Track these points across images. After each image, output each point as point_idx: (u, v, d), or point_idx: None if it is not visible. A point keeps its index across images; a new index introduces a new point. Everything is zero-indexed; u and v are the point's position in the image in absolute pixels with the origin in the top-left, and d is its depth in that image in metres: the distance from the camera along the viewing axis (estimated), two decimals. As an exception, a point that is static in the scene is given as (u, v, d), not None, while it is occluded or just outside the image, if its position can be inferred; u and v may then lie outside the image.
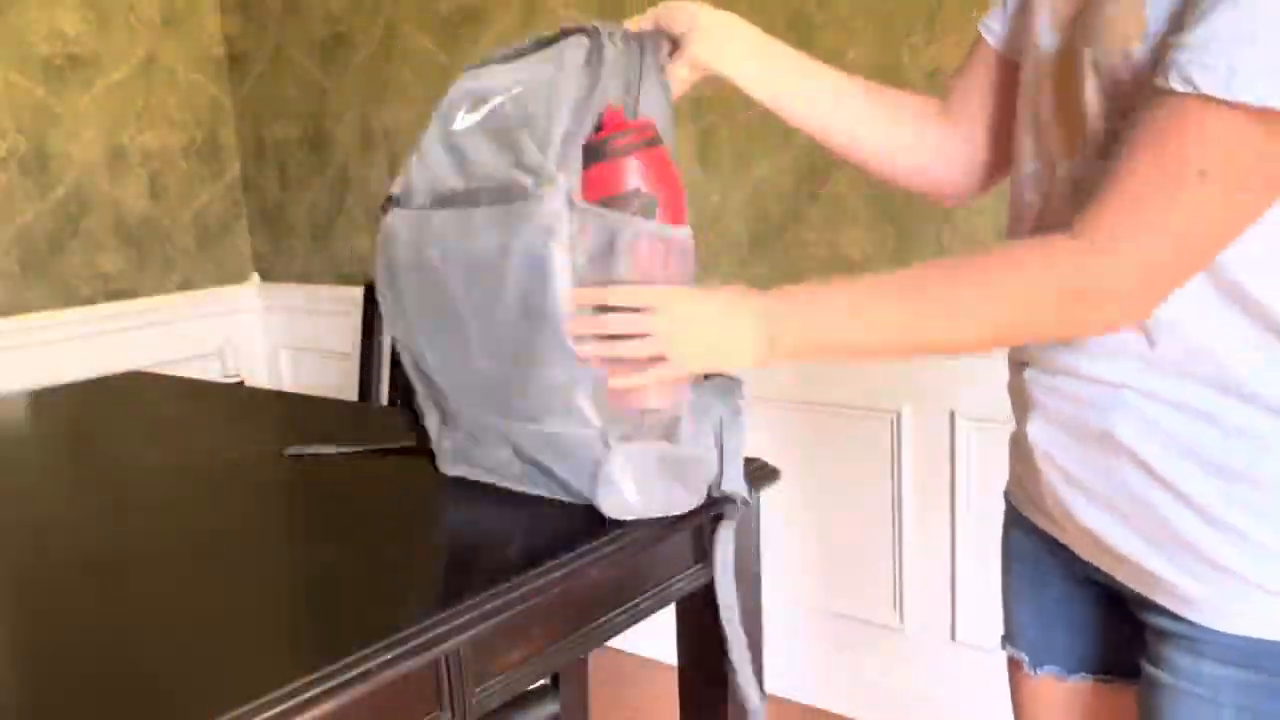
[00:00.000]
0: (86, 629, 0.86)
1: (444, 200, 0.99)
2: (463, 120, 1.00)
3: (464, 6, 2.44)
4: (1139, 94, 0.70)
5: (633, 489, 0.97)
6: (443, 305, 1.00)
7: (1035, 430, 0.84)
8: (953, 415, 1.92)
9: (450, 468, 1.13)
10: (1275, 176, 0.67)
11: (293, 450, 1.30)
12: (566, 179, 0.91)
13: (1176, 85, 0.65)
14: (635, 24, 1.01)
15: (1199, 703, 0.75)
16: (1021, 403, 0.87)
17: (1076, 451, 0.81)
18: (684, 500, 1.01)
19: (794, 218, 2.05)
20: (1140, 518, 0.77)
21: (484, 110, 0.98)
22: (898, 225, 1.94)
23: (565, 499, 1.03)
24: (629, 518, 0.98)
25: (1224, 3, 0.64)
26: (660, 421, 0.98)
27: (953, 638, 2.01)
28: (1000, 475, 1.03)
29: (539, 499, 1.05)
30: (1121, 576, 0.82)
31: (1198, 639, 0.75)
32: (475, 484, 1.11)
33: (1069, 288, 0.72)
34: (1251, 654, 0.73)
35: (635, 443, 0.97)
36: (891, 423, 2.00)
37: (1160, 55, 0.67)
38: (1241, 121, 0.64)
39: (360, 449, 1.28)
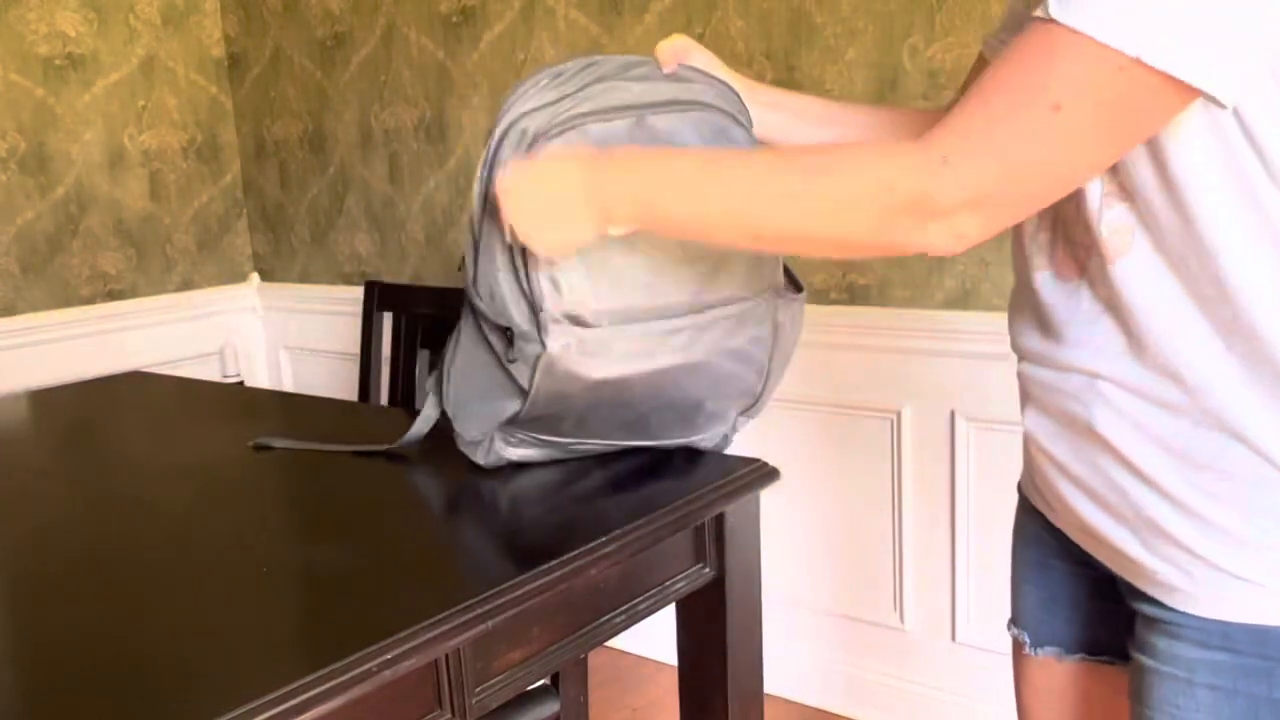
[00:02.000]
0: (86, 629, 0.86)
1: None
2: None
3: (464, 6, 2.44)
4: None
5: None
6: None
7: (1030, 421, 0.86)
8: (953, 415, 1.92)
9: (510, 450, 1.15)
10: (1127, 124, 0.66)
11: (257, 441, 1.33)
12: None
13: (1038, 12, 0.65)
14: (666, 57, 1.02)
15: (1175, 683, 0.77)
16: (1021, 395, 0.89)
17: (1064, 441, 0.82)
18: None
19: (794, 218, 2.04)
20: (1120, 505, 0.79)
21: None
22: (898, 225, 1.93)
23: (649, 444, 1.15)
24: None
25: None
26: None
27: (953, 638, 2.01)
28: (1000, 474, 1.03)
29: (539, 498, 1.05)
30: (1109, 563, 0.84)
31: (1175, 623, 0.77)
32: (476, 483, 1.11)
33: (899, 193, 0.70)
34: (1224, 636, 0.74)
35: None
36: (891, 423, 2.00)
37: None
38: (1095, 59, 0.63)
39: (329, 448, 1.29)
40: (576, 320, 1.00)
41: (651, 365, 1.04)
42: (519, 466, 1.14)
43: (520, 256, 0.99)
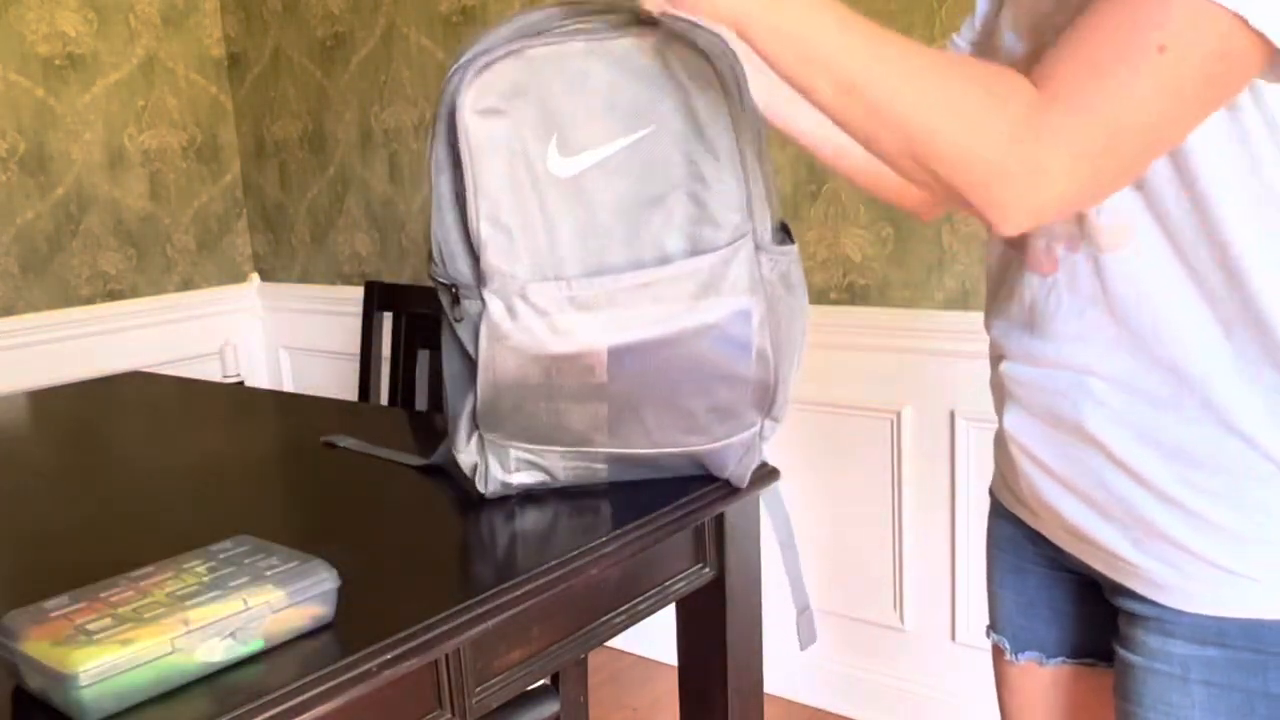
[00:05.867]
0: (86, 629, 0.86)
1: None
2: None
3: (464, 6, 2.45)
4: None
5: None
6: None
7: (1012, 422, 0.86)
8: (953, 415, 1.92)
9: (495, 483, 1.06)
10: (1216, 85, 0.65)
11: (328, 439, 1.33)
12: None
13: None
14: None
15: (1168, 680, 0.77)
16: (1000, 396, 0.89)
17: (1050, 441, 0.82)
18: None
19: (794, 217, 2.05)
20: (1109, 504, 0.79)
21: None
22: (897, 225, 1.94)
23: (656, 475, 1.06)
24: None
25: None
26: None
27: (953, 638, 2.01)
28: (1000, 475, 1.03)
29: (539, 497, 1.05)
30: (1094, 563, 0.84)
31: (1167, 620, 0.77)
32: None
33: (1015, 123, 0.66)
34: (1218, 632, 0.75)
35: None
36: (891, 423, 2.00)
37: None
38: (1205, 13, 0.62)
39: (392, 458, 1.28)
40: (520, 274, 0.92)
41: (608, 340, 0.92)
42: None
43: (464, 202, 0.93)
